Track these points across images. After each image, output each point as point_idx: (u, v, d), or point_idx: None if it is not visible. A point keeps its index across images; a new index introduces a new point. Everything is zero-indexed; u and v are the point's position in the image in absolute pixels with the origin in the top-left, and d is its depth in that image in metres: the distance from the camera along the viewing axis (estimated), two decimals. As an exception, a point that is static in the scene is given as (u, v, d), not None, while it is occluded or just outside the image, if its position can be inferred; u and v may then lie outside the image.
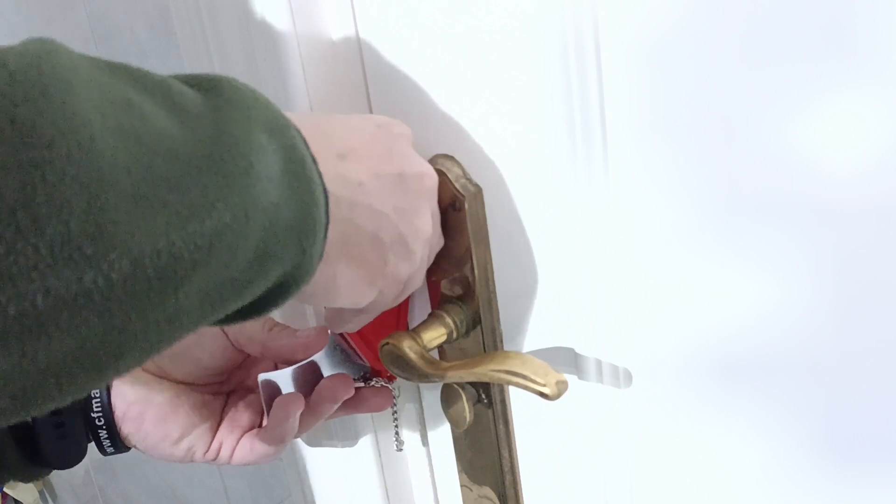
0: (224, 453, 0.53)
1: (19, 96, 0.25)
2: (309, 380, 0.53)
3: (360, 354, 0.54)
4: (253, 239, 0.31)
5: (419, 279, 0.46)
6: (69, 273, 0.25)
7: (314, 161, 0.34)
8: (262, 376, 0.51)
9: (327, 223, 0.35)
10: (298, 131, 0.34)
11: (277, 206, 0.32)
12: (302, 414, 0.51)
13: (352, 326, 0.47)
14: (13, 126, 0.24)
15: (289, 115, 0.36)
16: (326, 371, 0.54)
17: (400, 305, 0.53)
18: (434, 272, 0.50)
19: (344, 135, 0.40)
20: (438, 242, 0.47)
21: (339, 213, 0.37)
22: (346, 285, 0.40)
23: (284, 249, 0.33)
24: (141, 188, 0.27)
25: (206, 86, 0.32)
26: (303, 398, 0.50)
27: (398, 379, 0.56)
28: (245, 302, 0.33)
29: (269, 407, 0.51)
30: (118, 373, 0.29)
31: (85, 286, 0.25)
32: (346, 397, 0.52)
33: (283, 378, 0.52)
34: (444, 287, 0.49)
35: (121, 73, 0.30)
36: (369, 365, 0.55)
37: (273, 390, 0.52)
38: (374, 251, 0.40)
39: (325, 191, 0.34)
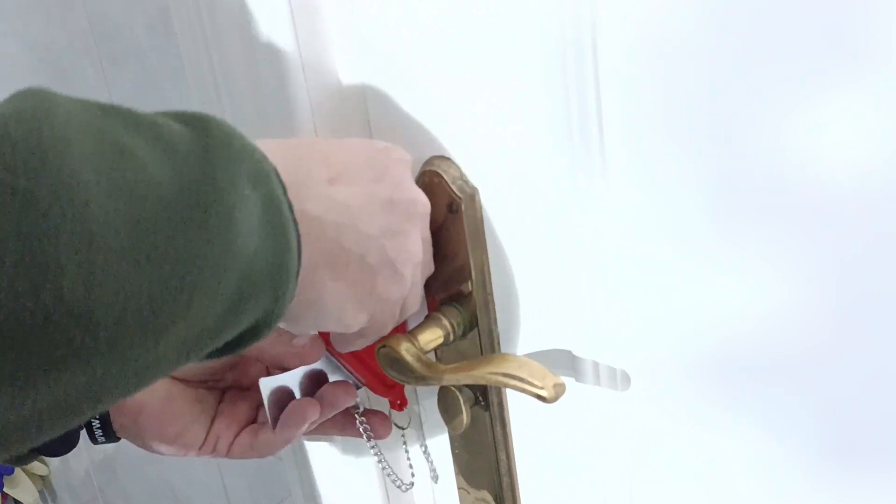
0: (221, 447, 0.53)
1: (20, 166, 0.27)
2: (312, 384, 0.53)
3: (358, 376, 0.54)
4: (229, 289, 0.32)
5: (415, 304, 0.46)
6: (60, 334, 0.27)
7: (290, 208, 0.35)
8: (263, 381, 0.51)
9: (298, 268, 0.36)
10: (278, 176, 0.35)
11: (253, 256, 0.33)
12: None
13: (352, 348, 0.47)
14: (14, 197, 0.26)
15: (280, 142, 0.38)
16: (330, 377, 0.54)
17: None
18: (431, 274, 0.50)
19: (337, 157, 0.41)
20: (429, 266, 0.47)
21: (325, 234, 0.39)
22: (334, 308, 0.41)
23: (258, 296, 0.34)
24: (128, 244, 0.29)
25: (195, 123, 0.34)
26: (318, 405, 0.51)
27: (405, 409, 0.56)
28: (219, 345, 0.34)
29: (273, 409, 0.51)
30: (94, 415, 0.31)
31: (74, 345, 0.27)
32: (348, 404, 0.52)
33: (285, 382, 0.52)
34: (441, 289, 0.49)
35: (114, 115, 0.31)
36: (365, 383, 0.55)
37: (275, 394, 0.52)
38: (362, 273, 0.41)
39: (297, 236, 0.36)
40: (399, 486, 0.60)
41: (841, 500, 0.41)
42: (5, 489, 1.42)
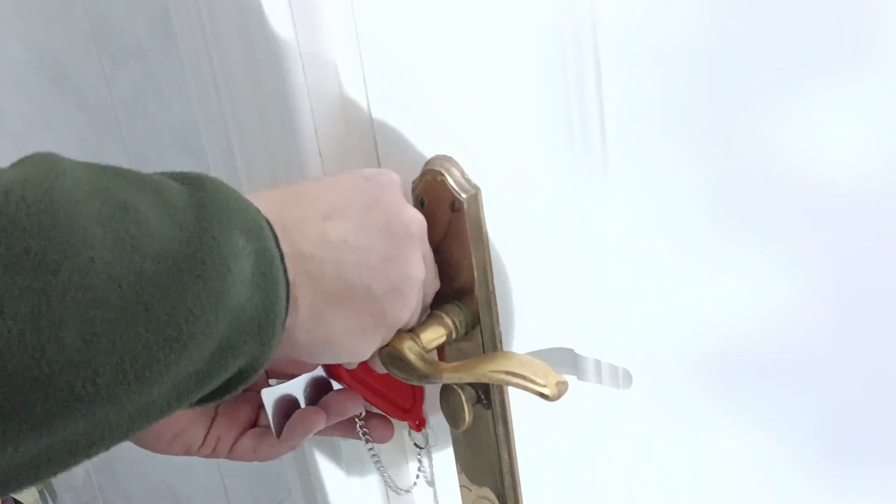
0: (221, 448, 0.53)
1: (34, 228, 0.29)
2: (316, 392, 0.53)
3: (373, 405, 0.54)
4: (220, 337, 0.34)
5: (415, 320, 0.47)
6: (64, 382, 0.29)
7: (282, 258, 0.37)
8: (265, 392, 0.51)
9: (286, 315, 0.37)
10: (271, 229, 0.37)
11: (243, 306, 0.34)
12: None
13: (348, 364, 0.48)
14: (27, 257, 0.28)
15: (270, 191, 0.40)
16: (334, 384, 0.54)
17: None
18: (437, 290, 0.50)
19: (329, 194, 0.42)
20: (434, 283, 0.48)
21: (326, 272, 0.40)
22: (346, 342, 0.42)
23: (246, 344, 0.35)
24: (128, 297, 0.30)
25: (191, 182, 0.36)
26: (324, 414, 0.51)
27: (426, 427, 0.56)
28: (208, 390, 0.36)
29: (276, 418, 0.51)
30: (88, 458, 0.32)
31: (76, 392, 0.29)
32: (355, 413, 0.53)
33: (288, 391, 0.52)
34: (443, 287, 0.49)
35: (116, 176, 0.34)
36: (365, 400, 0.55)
37: (279, 403, 0.52)
38: (369, 303, 0.42)
39: (287, 285, 0.37)
40: (397, 492, 0.60)
41: (841, 500, 0.41)
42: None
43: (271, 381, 0.55)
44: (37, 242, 0.28)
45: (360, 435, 0.55)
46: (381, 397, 0.54)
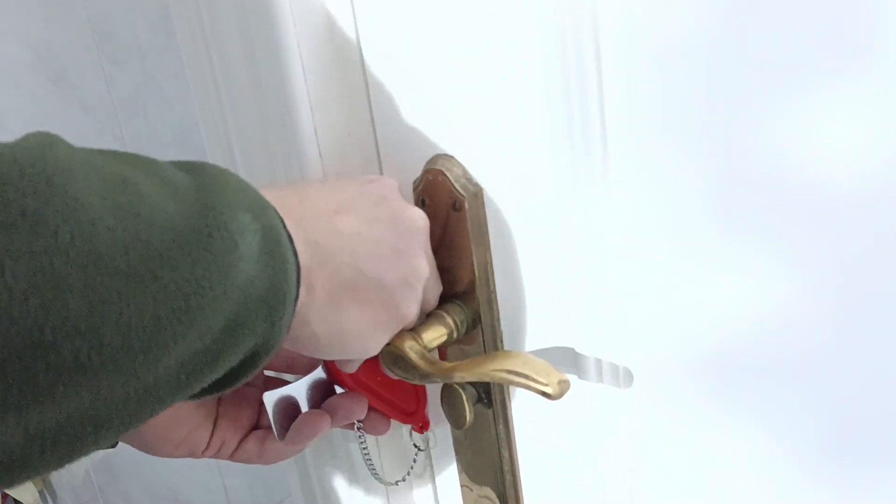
0: (225, 450, 0.53)
1: (28, 189, 0.27)
2: (318, 394, 0.53)
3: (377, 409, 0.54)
4: (228, 313, 0.33)
5: (416, 319, 0.47)
6: (67, 349, 0.28)
7: (290, 239, 0.36)
8: (267, 395, 0.51)
9: (296, 297, 0.37)
10: (276, 211, 0.36)
11: (252, 282, 0.34)
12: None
13: (350, 367, 0.48)
14: (24, 217, 0.27)
15: (278, 189, 0.40)
16: (336, 387, 0.54)
17: None
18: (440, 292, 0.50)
19: (334, 193, 0.43)
20: (436, 286, 0.48)
21: (341, 262, 0.40)
22: (359, 334, 0.42)
23: (254, 321, 0.35)
24: (135, 265, 0.29)
25: (189, 168, 0.35)
26: (329, 417, 0.51)
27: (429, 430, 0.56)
28: (219, 374, 0.35)
29: (280, 421, 0.51)
30: (96, 444, 0.31)
31: (80, 360, 0.28)
32: (360, 416, 0.53)
33: (289, 393, 0.52)
34: (445, 287, 0.49)
35: (112, 155, 0.33)
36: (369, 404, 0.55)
37: (281, 406, 0.52)
38: (382, 295, 0.42)
39: (297, 265, 0.37)
40: (382, 482, 0.59)
41: (841, 500, 0.42)
42: (5, 489, 1.42)
43: (267, 373, 0.55)
44: (32, 203, 0.27)
45: (355, 429, 0.55)
46: (385, 401, 0.54)
